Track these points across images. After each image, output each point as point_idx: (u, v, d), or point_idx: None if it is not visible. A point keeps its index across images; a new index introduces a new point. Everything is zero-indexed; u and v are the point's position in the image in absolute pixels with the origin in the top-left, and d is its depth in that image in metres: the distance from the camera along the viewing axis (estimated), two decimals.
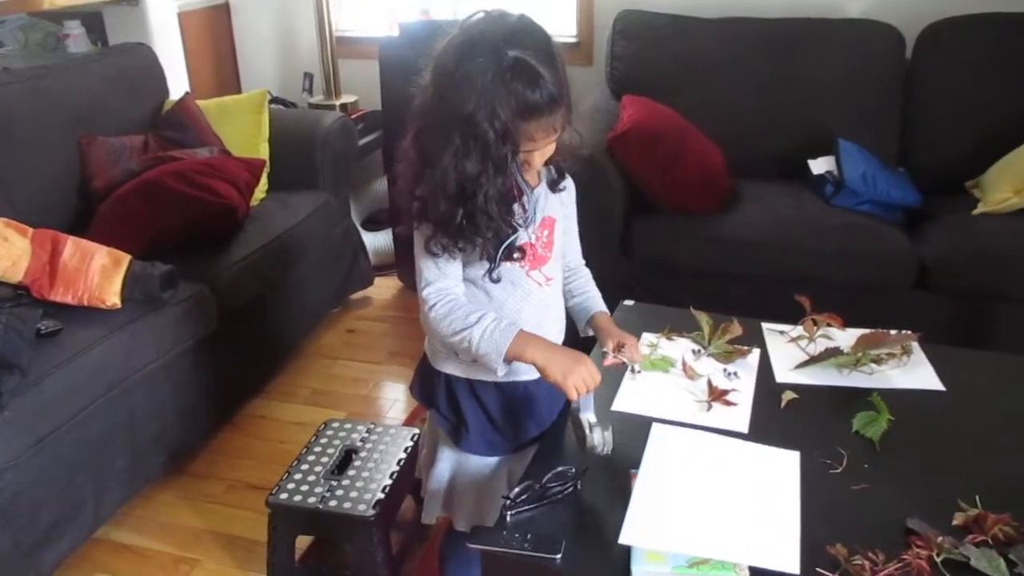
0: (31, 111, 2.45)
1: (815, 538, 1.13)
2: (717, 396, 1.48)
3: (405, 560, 1.97)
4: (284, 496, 1.77)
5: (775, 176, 2.81)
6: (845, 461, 1.31)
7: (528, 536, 1.15)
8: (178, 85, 3.23)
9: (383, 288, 3.39)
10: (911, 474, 1.29)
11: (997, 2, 2.77)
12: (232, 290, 2.38)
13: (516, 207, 1.29)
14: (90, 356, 1.92)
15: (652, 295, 2.22)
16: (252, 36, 3.91)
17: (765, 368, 1.60)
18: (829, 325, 1.68)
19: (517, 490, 1.22)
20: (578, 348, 1.33)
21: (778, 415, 1.45)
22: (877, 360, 1.59)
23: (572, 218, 1.48)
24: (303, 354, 2.91)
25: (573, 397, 1.25)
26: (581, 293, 1.52)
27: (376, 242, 3.53)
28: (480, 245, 1.27)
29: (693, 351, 1.65)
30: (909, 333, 1.64)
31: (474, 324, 1.26)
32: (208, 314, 2.27)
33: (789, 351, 1.66)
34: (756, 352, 1.64)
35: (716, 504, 1.20)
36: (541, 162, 1.29)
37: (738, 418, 1.43)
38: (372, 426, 2.00)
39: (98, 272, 2.01)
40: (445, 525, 1.60)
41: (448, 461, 1.48)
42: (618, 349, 1.38)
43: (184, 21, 3.52)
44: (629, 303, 1.86)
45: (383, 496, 1.76)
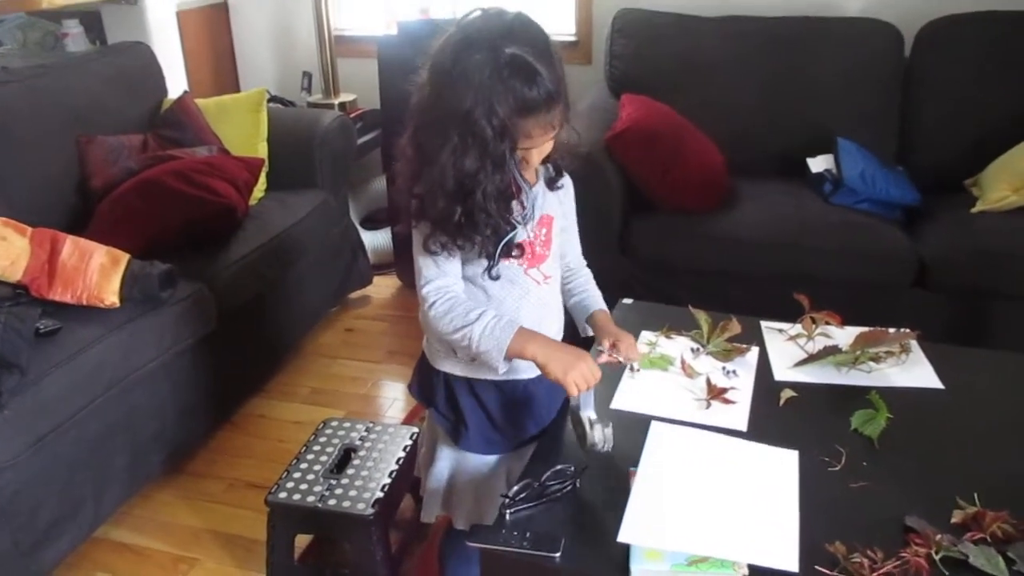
0: (30, 110, 2.44)
1: (814, 536, 1.13)
2: (716, 394, 1.48)
3: (404, 559, 1.97)
4: (283, 495, 1.78)
5: (774, 175, 2.81)
6: (844, 459, 1.31)
7: (527, 534, 1.15)
8: (177, 84, 3.24)
9: (382, 287, 3.39)
10: (910, 472, 1.29)
11: (996, 0, 2.77)
12: (231, 289, 2.38)
13: (515, 204, 1.29)
14: (89, 355, 1.92)
15: (651, 294, 2.22)
16: (251, 35, 3.90)
17: (764, 366, 1.60)
18: (828, 323, 1.68)
19: (516, 488, 1.21)
20: (578, 347, 1.32)
21: (777, 413, 1.45)
22: (876, 358, 1.59)
23: (571, 217, 1.48)
24: (302, 353, 2.91)
25: (573, 393, 1.25)
26: (581, 292, 1.51)
27: (375, 241, 3.53)
28: (479, 243, 1.26)
29: (692, 349, 1.65)
30: (908, 331, 1.64)
31: (474, 321, 1.26)
32: (207, 313, 2.27)
33: (788, 349, 1.66)
34: (755, 350, 1.65)
35: (715, 502, 1.20)
36: (539, 160, 1.29)
37: (737, 416, 1.43)
38: (371, 425, 2.00)
39: (97, 271, 2.01)
40: (444, 524, 1.60)
41: (447, 460, 1.48)
42: (613, 347, 1.38)
43: (183, 20, 3.53)
44: (628, 301, 1.86)
45: (382, 495, 1.76)
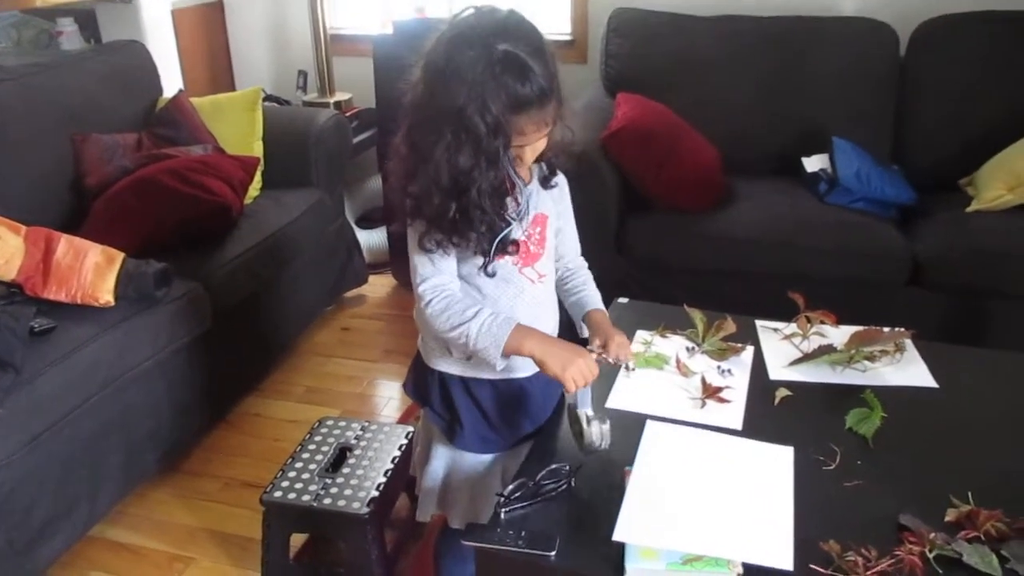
0: (24, 108, 2.44)
1: (808, 534, 1.13)
2: (711, 393, 1.49)
3: (399, 558, 1.97)
4: (278, 494, 1.77)
5: (769, 174, 2.82)
6: (838, 458, 1.31)
7: (522, 533, 1.15)
8: (172, 82, 3.23)
9: (377, 286, 3.39)
10: (904, 470, 1.29)
11: (991, 0, 2.77)
12: (226, 288, 2.37)
13: (509, 201, 1.29)
14: (84, 354, 1.91)
15: (647, 293, 2.22)
16: (246, 33, 3.90)
17: (759, 365, 1.60)
18: (823, 322, 1.69)
19: (511, 487, 1.22)
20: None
21: (772, 412, 1.46)
22: (870, 357, 1.59)
23: (567, 216, 1.48)
24: (297, 352, 2.91)
25: (571, 390, 1.25)
26: (578, 291, 1.50)
27: (370, 240, 3.52)
28: (474, 240, 1.26)
29: (687, 348, 1.65)
30: (902, 330, 1.64)
31: (471, 319, 1.26)
32: (202, 312, 2.27)
33: (783, 348, 1.66)
34: (750, 349, 1.65)
35: (710, 501, 1.21)
36: (532, 157, 1.29)
37: (732, 415, 1.44)
38: (366, 424, 2.00)
39: (91, 270, 2.00)
40: (440, 523, 1.60)
41: (442, 459, 1.47)
42: (603, 348, 1.36)
43: (178, 18, 3.52)
44: (623, 300, 1.86)
45: (377, 494, 1.76)
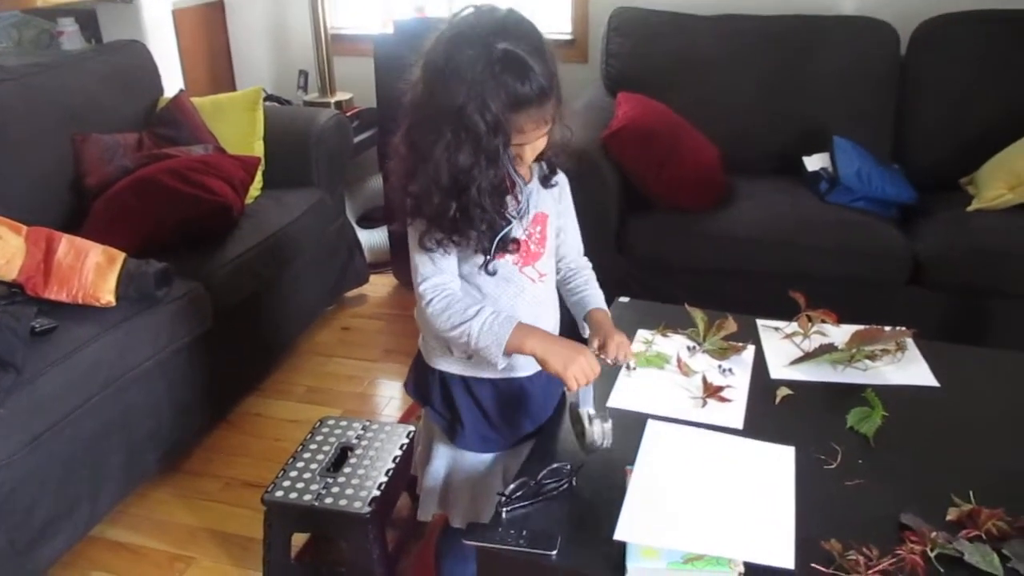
0: (25, 108, 2.44)
1: (809, 533, 1.13)
2: (712, 392, 1.49)
3: (401, 557, 1.97)
4: (279, 494, 1.77)
5: (770, 173, 2.81)
6: (839, 457, 1.31)
7: (524, 532, 1.15)
8: (172, 82, 3.23)
9: (378, 286, 3.39)
10: (905, 470, 1.29)
11: None
12: (227, 288, 2.37)
13: (509, 199, 1.29)
14: (85, 354, 1.91)
15: (648, 292, 2.21)
16: (247, 33, 3.90)
17: (760, 364, 1.60)
18: (824, 321, 1.69)
19: (512, 486, 1.22)
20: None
21: (773, 411, 1.46)
22: (871, 356, 1.59)
23: (569, 215, 1.47)
24: (298, 352, 2.91)
25: (573, 388, 1.25)
26: (580, 291, 1.49)
27: (371, 239, 3.52)
28: (474, 238, 1.26)
29: (688, 348, 1.65)
30: (903, 329, 1.64)
31: (473, 317, 1.26)
32: (203, 312, 2.27)
33: (784, 347, 1.66)
34: (751, 348, 1.65)
35: (711, 500, 1.20)
36: (532, 156, 1.29)
37: (733, 414, 1.44)
38: (367, 423, 2.00)
39: (92, 270, 2.00)
40: (441, 522, 1.60)
41: (443, 458, 1.47)
42: (601, 349, 1.35)
43: (178, 18, 3.52)
44: (624, 300, 1.86)
45: (378, 493, 1.76)
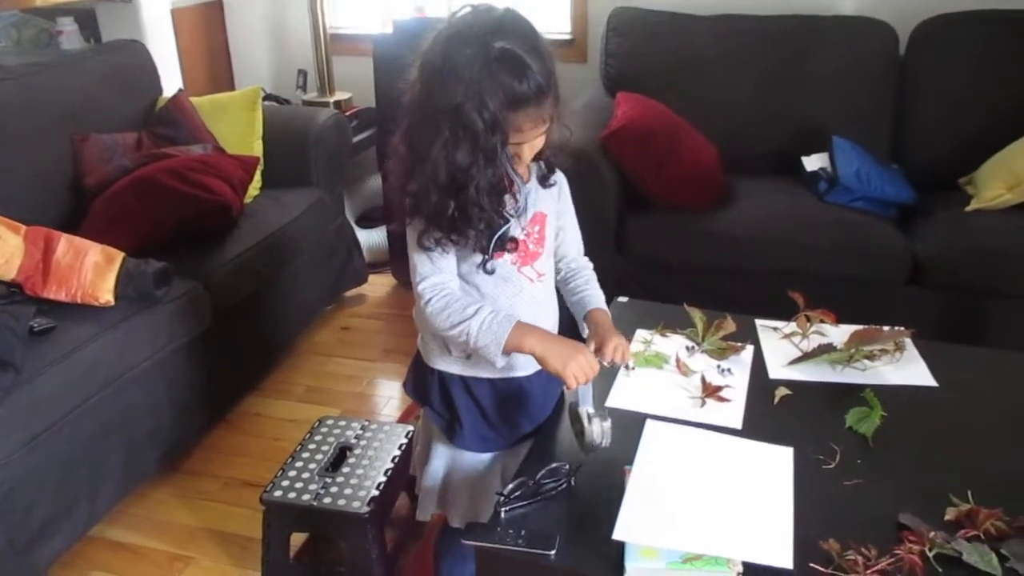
0: (24, 108, 2.44)
1: (808, 533, 1.13)
2: (711, 392, 1.49)
3: (400, 557, 1.97)
4: (278, 493, 1.77)
5: (769, 173, 2.81)
6: (838, 457, 1.31)
7: (522, 532, 1.16)
8: (171, 82, 3.23)
9: (377, 285, 3.39)
10: (904, 469, 1.30)
11: None
12: (226, 287, 2.37)
13: (507, 198, 1.29)
14: (84, 354, 1.91)
15: (647, 292, 2.22)
16: (245, 33, 3.90)
17: (758, 364, 1.60)
18: (822, 321, 1.69)
19: (511, 486, 1.22)
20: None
21: (771, 411, 1.46)
22: (870, 356, 1.59)
23: (568, 214, 1.47)
24: (297, 351, 2.91)
25: (572, 386, 1.25)
26: (580, 291, 1.49)
27: (370, 239, 3.52)
28: (473, 237, 1.26)
29: (687, 347, 1.65)
30: (902, 329, 1.64)
31: (472, 316, 1.26)
32: (202, 311, 2.27)
33: (782, 347, 1.66)
34: (750, 348, 1.65)
35: (710, 500, 1.21)
36: (531, 155, 1.29)
37: (731, 414, 1.44)
38: (366, 423, 2.00)
39: (91, 269, 2.00)
40: (440, 522, 1.60)
41: (442, 458, 1.47)
42: (597, 351, 1.32)
43: (177, 18, 3.52)
44: (623, 300, 1.87)
45: (377, 493, 1.76)
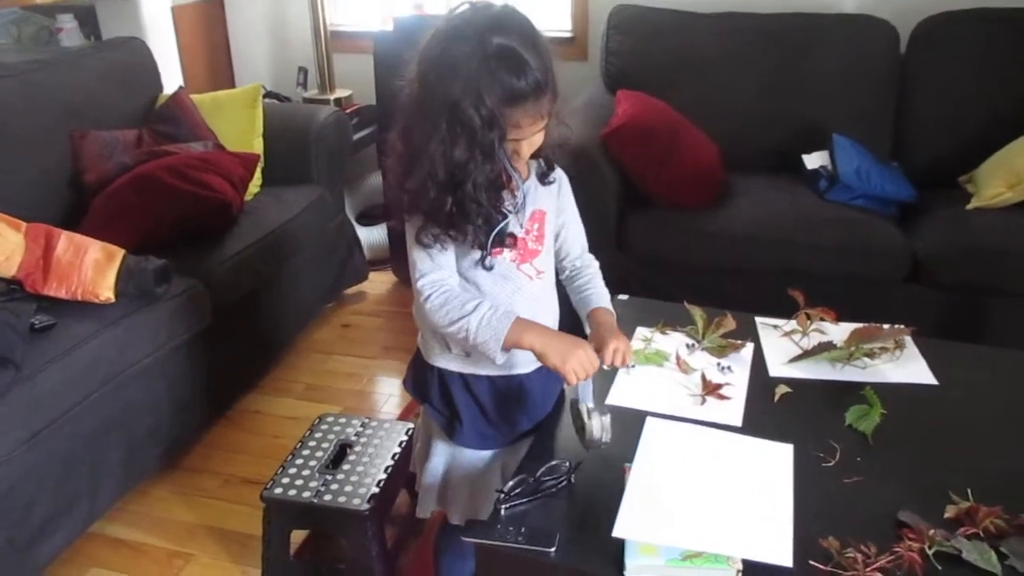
0: (24, 105, 2.44)
1: (808, 531, 1.13)
2: (711, 390, 1.49)
3: (400, 554, 1.97)
4: (278, 491, 1.78)
5: (769, 171, 2.81)
6: (838, 454, 1.31)
7: (522, 529, 1.16)
8: (172, 79, 3.23)
9: (377, 283, 3.39)
10: (903, 467, 1.30)
11: None
12: (226, 285, 2.37)
13: (505, 194, 1.29)
14: (84, 351, 1.92)
15: (647, 290, 2.22)
16: (246, 30, 3.89)
17: (758, 362, 1.60)
18: (822, 319, 1.68)
19: (511, 484, 1.22)
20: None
21: (771, 409, 1.46)
22: (870, 354, 1.59)
23: (570, 212, 1.46)
24: (297, 349, 2.91)
25: (572, 382, 1.25)
26: (584, 290, 1.48)
27: (370, 237, 3.52)
28: (471, 233, 1.26)
29: (687, 345, 1.65)
30: (902, 327, 1.64)
31: (471, 312, 1.26)
32: (202, 309, 2.27)
33: (782, 345, 1.66)
34: (750, 346, 1.65)
35: (709, 497, 1.21)
36: (529, 152, 1.28)
37: (731, 412, 1.44)
38: (366, 420, 2.01)
39: (91, 267, 2.00)
40: (440, 519, 1.60)
41: (442, 455, 1.48)
42: (598, 352, 1.30)
43: (177, 15, 3.51)
44: (623, 297, 1.86)
45: (377, 490, 1.76)
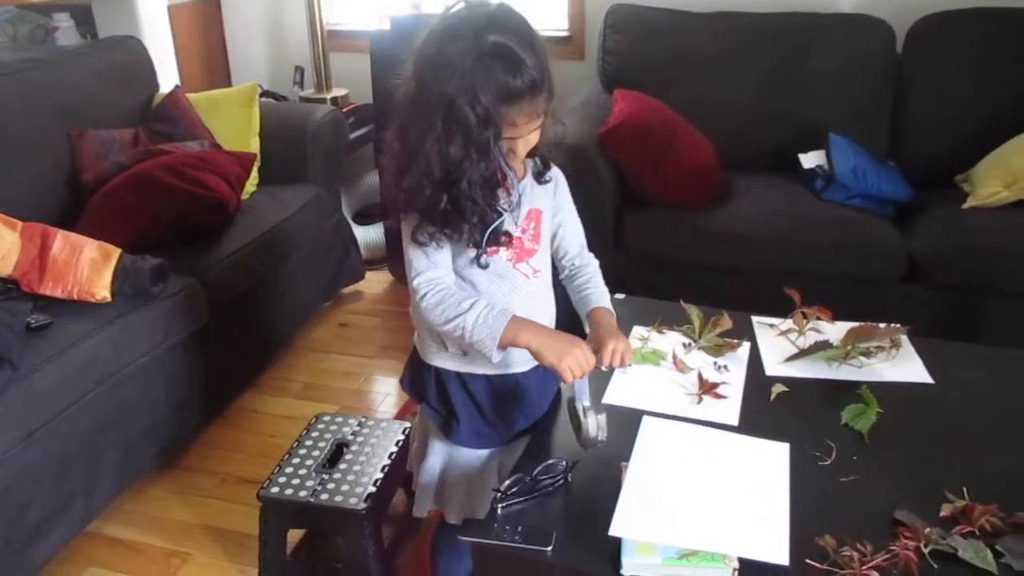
0: (20, 104, 2.43)
1: (804, 530, 1.14)
2: (707, 389, 1.49)
3: (397, 553, 1.97)
4: (275, 490, 1.77)
5: (766, 170, 2.82)
6: (834, 453, 1.31)
7: (519, 528, 1.16)
8: (168, 78, 3.22)
9: (374, 282, 3.39)
10: (899, 466, 1.30)
11: None
12: (223, 284, 2.37)
13: (501, 192, 1.28)
14: (80, 350, 1.91)
15: (644, 289, 2.22)
16: (242, 29, 3.89)
17: (755, 361, 1.61)
18: (819, 318, 1.69)
19: (508, 483, 1.22)
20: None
21: (768, 408, 1.46)
22: (866, 353, 1.60)
23: (567, 211, 1.46)
24: (294, 348, 2.91)
25: (568, 380, 1.25)
26: (583, 289, 1.47)
27: (367, 236, 3.52)
28: (466, 231, 1.26)
29: (684, 344, 1.66)
30: (898, 326, 1.64)
31: (467, 311, 1.26)
32: (199, 308, 2.27)
33: (779, 344, 1.66)
34: (746, 345, 1.65)
35: (706, 496, 1.21)
36: (525, 150, 1.28)
37: (728, 411, 1.44)
38: (363, 420, 2.00)
39: (88, 266, 2.00)
40: (436, 518, 1.60)
41: (439, 454, 1.48)
42: (595, 353, 1.30)
43: (174, 14, 3.51)
44: (620, 296, 1.86)
45: (374, 489, 1.76)
